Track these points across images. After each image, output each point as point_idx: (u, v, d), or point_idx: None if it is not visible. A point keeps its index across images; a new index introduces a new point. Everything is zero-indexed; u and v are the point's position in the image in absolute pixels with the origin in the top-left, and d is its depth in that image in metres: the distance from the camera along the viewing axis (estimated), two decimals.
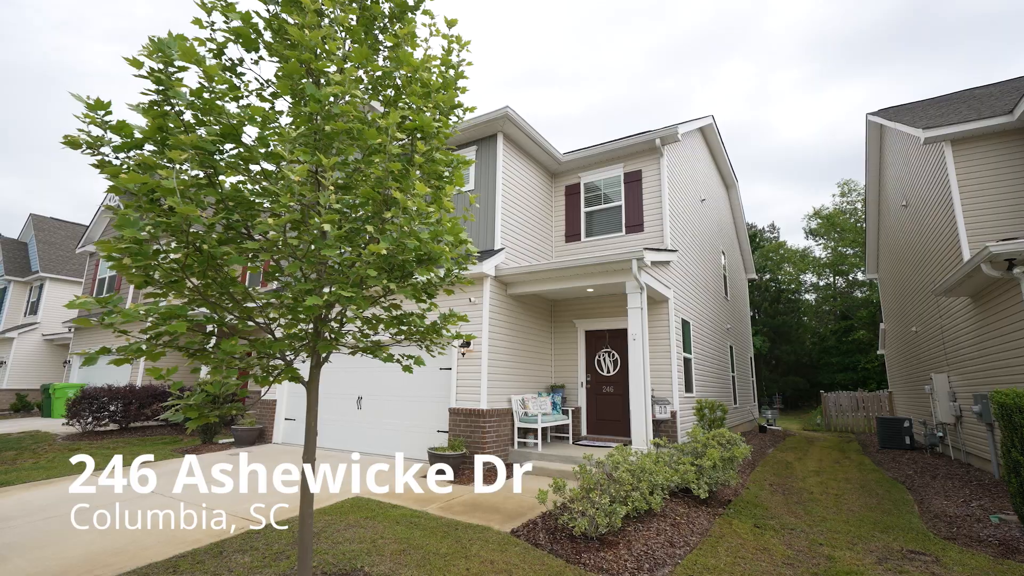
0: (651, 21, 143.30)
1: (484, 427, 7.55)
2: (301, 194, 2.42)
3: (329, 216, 2.38)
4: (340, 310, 3.08)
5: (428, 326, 3.46)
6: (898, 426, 11.48)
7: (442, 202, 3.49)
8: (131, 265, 2.35)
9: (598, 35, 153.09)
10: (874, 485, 7.80)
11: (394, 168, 2.68)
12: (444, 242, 3.04)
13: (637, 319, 7.30)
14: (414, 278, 3.14)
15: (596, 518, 4.52)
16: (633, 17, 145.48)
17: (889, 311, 16.73)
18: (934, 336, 10.74)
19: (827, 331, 33.28)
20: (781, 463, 9.77)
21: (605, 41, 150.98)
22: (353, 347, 3.25)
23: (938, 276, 9.67)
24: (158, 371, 2.45)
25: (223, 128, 2.52)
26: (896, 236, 13.86)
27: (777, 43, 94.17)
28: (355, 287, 2.65)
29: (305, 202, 2.47)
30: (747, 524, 5.51)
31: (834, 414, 17.79)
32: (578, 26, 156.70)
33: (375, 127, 2.79)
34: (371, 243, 2.64)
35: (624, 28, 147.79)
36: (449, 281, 3.54)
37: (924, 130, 8.85)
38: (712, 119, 12.94)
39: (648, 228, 9.50)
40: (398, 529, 4.92)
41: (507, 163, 9.19)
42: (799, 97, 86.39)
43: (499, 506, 5.77)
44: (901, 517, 5.97)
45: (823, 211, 35.27)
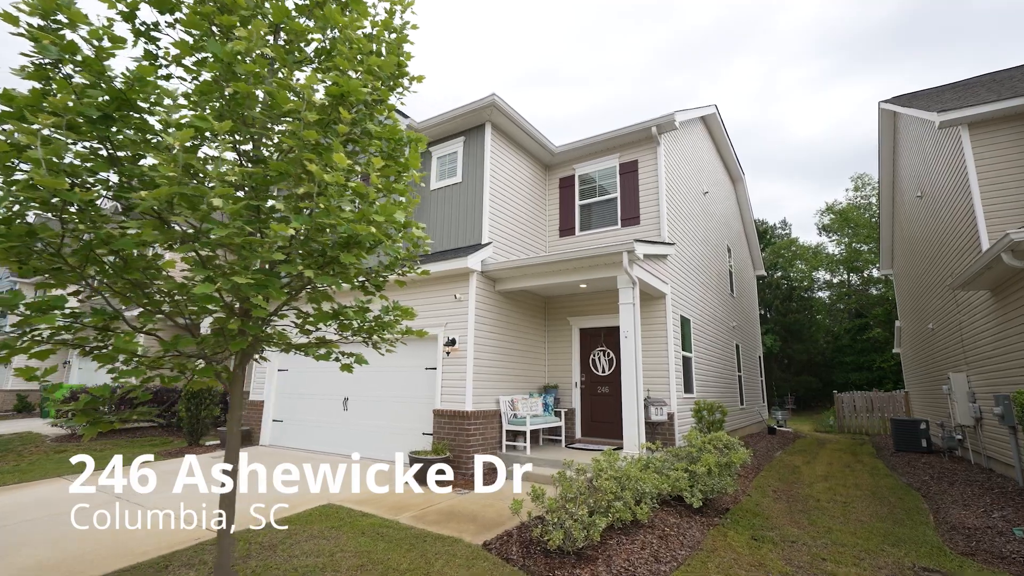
0: (658, 20, 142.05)
1: (469, 430, 7.19)
2: (188, 164, 2.07)
3: (221, 190, 2.03)
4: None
5: (373, 321, 3.10)
6: (914, 428, 10.89)
7: (392, 186, 3.14)
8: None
9: (605, 35, 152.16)
10: (886, 492, 7.29)
11: (310, 137, 2.32)
12: (379, 225, 2.68)
13: (629, 315, 6.89)
14: (354, 266, 2.78)
15: (573, 531, 4.13)
16: (640, 16, 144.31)
17: (904, 308, 16.06)
18: (952, 333, 10.16)
19: (841, 329, 32.34)
20: (788, 467, 9.27)
21: (612, 41, 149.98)
22: (285, 345, 2.90)
23: (955, 269, 9.11)
24: (31, 371, 2.12)
25: (110, 92, 2.18)
26: (911, 229, 13.25)
27: (786, 40, 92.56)
28: (263, 274, 2.29)
29: (192, 172, 2.12)
30: (744, 536, 5.08)
31: (847, 415, 17.13)
32: (585, 26, 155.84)
33: (292, 92, 2.43)
34: (281, 222, 2.29)
35: (631, 27, 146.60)
36: (394, 270, 3.17)
37: (939, 113, 8.31)
38: (715, 108, 12.45)
39: (645, 221, 9.06)
40: (362, 541, 4.57)
41: (496, 154, 8.82)
42: (810, 94, 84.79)
43: (477, 515, 5.40)
44: (915, 528, 5.49)
45: (836, 206, 34.35)
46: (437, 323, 7.91)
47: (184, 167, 2.02)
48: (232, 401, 2.75)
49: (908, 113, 10.58)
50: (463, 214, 8.61)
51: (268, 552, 4.32)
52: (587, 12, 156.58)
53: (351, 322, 2.94)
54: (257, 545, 4.48)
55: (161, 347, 2.42)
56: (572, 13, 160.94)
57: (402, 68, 3.11)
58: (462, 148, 8.91)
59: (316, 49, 2.88)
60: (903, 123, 12.51)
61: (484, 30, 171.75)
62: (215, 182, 2.07)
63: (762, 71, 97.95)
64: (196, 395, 9.99)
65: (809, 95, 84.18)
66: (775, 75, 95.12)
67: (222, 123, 2.05)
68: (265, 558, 4.20)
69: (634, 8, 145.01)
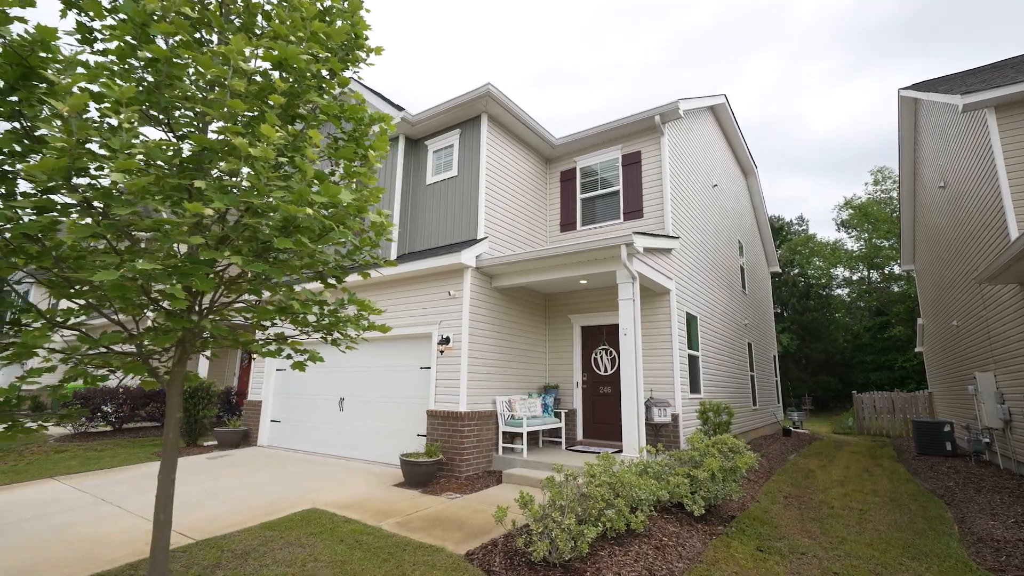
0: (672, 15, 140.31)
1: (463, 431, 6.93)
2: (85, 134, 1.83)
3: (123, 163, 1.79)
4: (201, 294, 2.50)
5: (329, 316, 2.84)
6: (937, 430, 10.33)
7: (354, 170, 2.89)
8: None
9: (615, 33, 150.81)
10: (907, 499, 6.84)
11: (235, 108, 2.07)
12: (320, 208, 2.42)
13: (629, 312, 6.56)
14: (300, 254, 2.53)
15: (559, 541, 3.84)
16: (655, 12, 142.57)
17: (927, 304, 15.38)
18: (978, 330, 9.60)
19: (861, 328, 31.34)
20: (801, 471, 8.83)
21: (623, 39, 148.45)
22: (232, 341, 2.66)
23: (981, 261, 8.57)
24: None
25: (7, 57, 1.95)
26: (934, 221, 12.64)
27: (803, 35, 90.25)
28: (190, 261, 2.04)
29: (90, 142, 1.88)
30: (749, 546, 4.73)
31: (867, 416, 16.47)
32: (594, 24, 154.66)
33: (219, 58, 2.19)
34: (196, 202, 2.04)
35: (641, 24, 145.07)
36: (354, 258, 2.91)
37: (963, 96, 7.80)
38: (724, 99, 12.00)
39: (648, 214, 8.70)
40: (339, 550, 4.33)
41: (492, 146, 8.54)
42: (827, 90, 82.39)
43: (465, 521, 5.13)
44: (937, 540, 5.07)
45: (855, 201, 33.36)
46: (431, 321, 7.67)
47: (80, 140, 1.79)
48: (169, 403, 2.52)
49: (930, 98, 10.03)
50: (459, 209, 8.35)
51: (239, 560, 4.11)
52: (594, 11, 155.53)
53: (302, 316, 2.69)
54: (229, 553, 4.27)
55: (81, 341, 2.19)
56: (574, 12, 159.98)
57: (359, 39, 2.85)
58: (458, 141, 8.66)
59: (265, 13, 2.64)
60: (924, 110, 11.93)
61: (494, 29, 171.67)
62: (121, 156, 1.83)
63: (779, 66, 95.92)
64: (193, 396, 9.91)
65: (827, 90, 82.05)
66: (792, 71, 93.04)
67: (124, 90, 1.81)
68: (235, 567, 3.99)
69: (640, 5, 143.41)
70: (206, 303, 2.63)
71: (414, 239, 8.88)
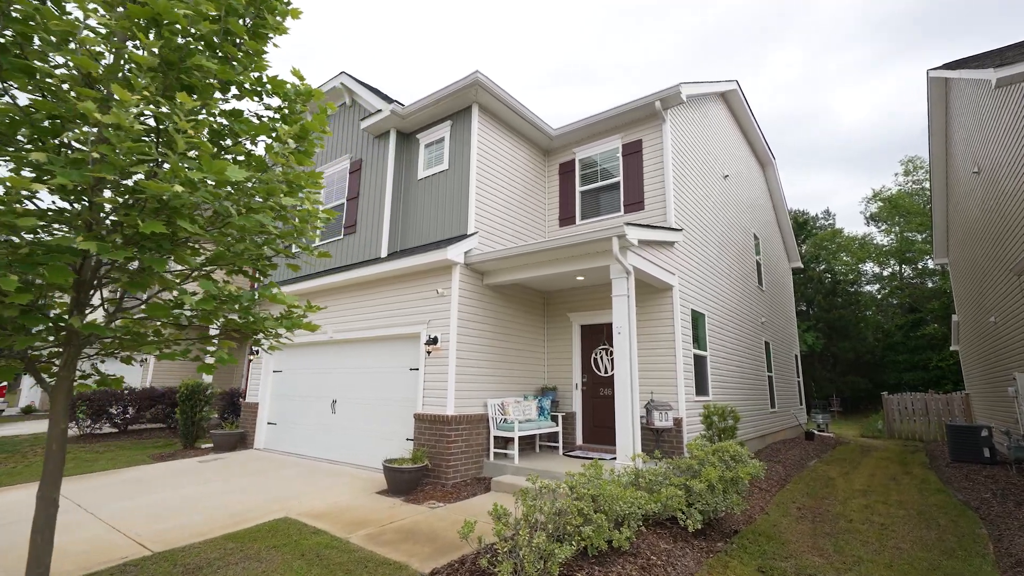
0: (693, 11, 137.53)
1: (450, 436, 6.59)
2: None
3: None
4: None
5: (238, 313, 2.53)
6: (973, 435, 9.52)
7: (289, 153, 2.59)
8: None
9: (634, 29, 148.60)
10: (936, 512, 6.21)
11: (83, 66, 1.76)
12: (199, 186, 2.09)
13: (623, 309, 6.11)
14: (182, 242, 2.22)
15: (525, 562, 3.45)
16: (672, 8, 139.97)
17: (962, 300, 14.39)
18: (1018, 327, 8.79)
19: (893, 326, 29.83)
20: (821, 479, 8.21)
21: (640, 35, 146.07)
22: (115, 342, 2.36)
23: (1021, 251, 7.81)
24: None
25: None
26: (968, 210, 11.76)
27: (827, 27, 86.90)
28: (43, 248, 1.74)
29: None
30: (749, 567, 4.25)
31: (898, 419, 15.51)
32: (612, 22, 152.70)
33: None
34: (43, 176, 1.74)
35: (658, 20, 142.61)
36: (272, 248, 2.60)
37: (996, 69, 7.10)
38: (736, 85, 11.38)
39: (650, 206, 8.21)
40: (296, 565, 4.04)
41: (484, 138, 8.18)
42: (852, 85, 78.93)
43: (439, 535, 4.78)
44: (968, 562, 4.49)
45: (884, 193, 31.85)
46: (420, 320, 7.36)
47: None
48: (52, 410, 2.24)
49: (961, 76, 9.27)
50: (450, 204, 8.03)
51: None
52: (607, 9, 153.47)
53: (202, 312, 2.37)
54: (181, 567, 4.02)
55: None
56: (587, 10, 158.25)
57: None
58: (449, 133, 8.33)
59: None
60: (955, 91, 11.09)
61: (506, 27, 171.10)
62: None
63: (803, 58, 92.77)
64: (191, 397, 9.83)
65: (852, 84, 78.77)
66: (817, 65, 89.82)
67: None
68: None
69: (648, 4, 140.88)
70: (96, 299, 2.34)
71: (406, 236, 8.59)
